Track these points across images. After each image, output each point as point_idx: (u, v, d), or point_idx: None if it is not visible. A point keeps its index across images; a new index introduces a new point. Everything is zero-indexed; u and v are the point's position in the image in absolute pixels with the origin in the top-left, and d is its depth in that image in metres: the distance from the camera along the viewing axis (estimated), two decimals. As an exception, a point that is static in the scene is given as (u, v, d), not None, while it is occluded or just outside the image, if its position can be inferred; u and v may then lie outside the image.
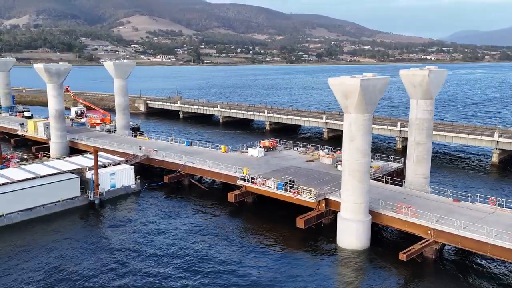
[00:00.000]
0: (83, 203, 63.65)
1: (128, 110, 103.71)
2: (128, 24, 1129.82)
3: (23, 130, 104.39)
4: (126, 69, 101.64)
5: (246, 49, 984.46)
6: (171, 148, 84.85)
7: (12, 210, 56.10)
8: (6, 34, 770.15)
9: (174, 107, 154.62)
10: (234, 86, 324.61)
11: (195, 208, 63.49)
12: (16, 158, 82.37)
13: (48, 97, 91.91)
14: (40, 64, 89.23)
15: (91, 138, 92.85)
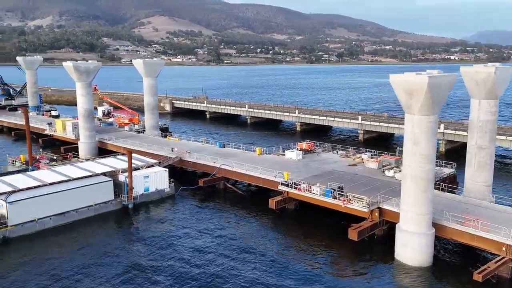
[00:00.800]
0: (117, 208, 60.63)
1: (157, 110, 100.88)
2: (148, 24, 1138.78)
3: (51, 129, 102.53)
4: (155, 68, 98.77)
5: (265, 49, 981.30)
6: (203, 149, 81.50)
7: (44, 214, 53.32)
8: (30, 34, 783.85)
9: (201, 107, 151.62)
10: (256, 86, 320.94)
11: (232, 214, 59.80)
12: (46, 158, 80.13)
13: (77, 96, 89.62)
14: (70, 62, 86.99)
15: (120, 139, 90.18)
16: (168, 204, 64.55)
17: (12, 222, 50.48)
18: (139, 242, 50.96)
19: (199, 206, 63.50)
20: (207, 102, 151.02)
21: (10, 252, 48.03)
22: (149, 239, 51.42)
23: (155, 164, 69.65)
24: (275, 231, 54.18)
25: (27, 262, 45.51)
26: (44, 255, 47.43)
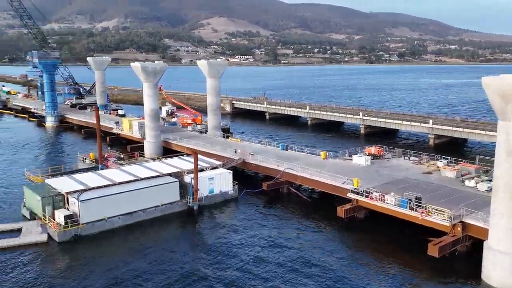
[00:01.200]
0: (182, 209, 60.48)
1: (219, 111, 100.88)
2: (208, 25, 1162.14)
3: (118, 128, 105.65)
4: (219, 69, 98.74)
5: (323, 49, 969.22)
6: (265, 151, 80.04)
7: (113, 214, 54.06)
8: (98, 36, 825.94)
9: (261, 108, 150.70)
10: (314, 86, 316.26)
11: (296, 221, 57.56)
12: (113, 157, 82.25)
13: (144, 96, 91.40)
14: (137, 63, 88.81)
15: (184, 139, 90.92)
16: (231, 207, 63.59)
17: (84, 220, 51.54)
18: (202, 247, 50.03)
19: (263, 210, 61.92)
20: (267, 103, 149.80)
21: (80, 249, 48.96)
22: (212, 245, 50.36)
23: (219, 166, 69.06)
24: (344, 242, 51.29)
25: (94, 261, 46.04)
26: (111, 255, 47.84)
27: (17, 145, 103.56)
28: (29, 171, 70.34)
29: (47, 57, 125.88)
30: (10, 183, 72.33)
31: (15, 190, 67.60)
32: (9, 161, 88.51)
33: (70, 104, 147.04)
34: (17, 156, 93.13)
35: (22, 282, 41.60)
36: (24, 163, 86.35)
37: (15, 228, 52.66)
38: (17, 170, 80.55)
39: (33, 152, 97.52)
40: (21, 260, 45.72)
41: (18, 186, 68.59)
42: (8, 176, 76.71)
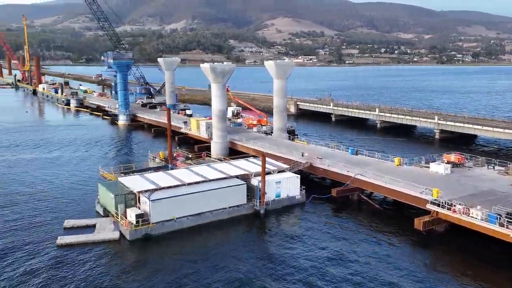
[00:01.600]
0: (249, 212, 59.57)
1: (285, 112, 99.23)
2: (272, 26, 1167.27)
3: (186, 128, 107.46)
4: (286, 69, 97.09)
5: (390, 49, 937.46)
6: (333, 155, 77.26)
7: (182, 214, 54.22)
8: (167, 37, 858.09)
9: (326, 109, 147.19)
10: (381, 87, 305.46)
11: (367, 232, 54.36)
12: (182, 156, 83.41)
13: (212, 97, 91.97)
14: (207, 64, 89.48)
15: (250, 140, 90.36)
16: (298, 213, 61.68)
17: (154, 220, 52.09)
18: (266, 254, 48.49)
19: (331, 218, 59.36)
20: (334, 105, 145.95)
21: (149, 249, 49.48)
22: (276, 252, 48.64)
23: (286, 169, 67.42)
24: (421, 259, 47.21)
25: (162, 261, 46.18)
26: (178, 256, 47.76)
27: (92, 142, 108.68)
28: (103, 168, 72.95)
29: (121, 57, 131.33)
30: (86, 179, 75.58)
31: (90, 186, 70.45)
32: (84, 157, 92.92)
33: (141, 104, 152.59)
34: (92, 152, 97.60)
35: (93, 278, 42.54)
36: (98, 159, 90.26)
37: (90, 224, 54.42)
38: (91, 166, 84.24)
39: (106, 149, 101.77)
40: (94, 256, 46.94)
41: (93, 182, 71.42)
42: (83, 172, 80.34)
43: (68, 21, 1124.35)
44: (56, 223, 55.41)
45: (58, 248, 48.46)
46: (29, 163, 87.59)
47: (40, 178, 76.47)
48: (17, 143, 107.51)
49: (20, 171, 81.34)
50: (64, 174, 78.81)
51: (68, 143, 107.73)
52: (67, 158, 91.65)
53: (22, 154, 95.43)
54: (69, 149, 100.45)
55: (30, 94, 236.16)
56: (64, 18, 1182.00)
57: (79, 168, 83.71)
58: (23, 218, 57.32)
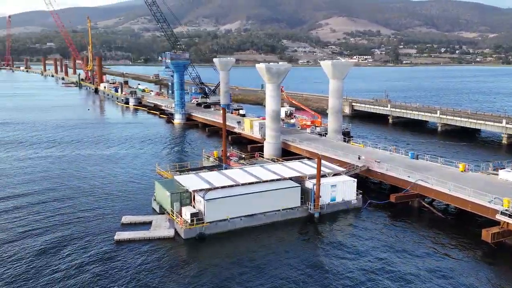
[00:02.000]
0: (302, 215, 58.28)
1: (341, 114, 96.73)
2: (326, 26, 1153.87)
3: (239, 128, 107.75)
4: (343, 70, 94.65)
5: (451, 49, 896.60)
6: (391, 159, 74.10)
7: (236, 214, 53.94)
8: (221, 38, 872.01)
9: (383, 111, 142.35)
10: (439, 88, 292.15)
11: (429, 243, 51.17)
12: (235, 156, 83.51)
13: (266, 97, 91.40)
14: (262, 64, 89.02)
15: (303, 141, 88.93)
16: (354, 218, 59.53)
17: (208, 219, 52.17)
18: (318, 261, 46.80)
19: (389, 226, 56.70)
20: (391, 106, 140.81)
21: (203, 248, 49.56)
22: (330, 261, 46.78)
23: (342, 173, 65.39)
24: (490, 276, 43.71)
25: (214, 262, 45.99)
26: (230, 257, 47.36)
27: (148, 140, 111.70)
28: (160, 166, 74.43)
29: (178, 58, 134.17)
30: (142, 175, 77.52)
31: (147, 182, 72.13)
32: (141, 154, 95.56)
33: (196, 103, 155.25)
34: (148, 150, 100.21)
35: (146, 274, 43.08)
36: (154, 157, 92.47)
37: (146, 221, 55.45)
38: (148, 163, 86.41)
39: (162, 146, 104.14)
40: (148, 253, 47.62)
41: (149, 179, 73.12)
42: (140, 169, 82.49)
43: (129, 23, 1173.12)
44: (114, 218, 56.97)
45: (116, 243, 49.66)
46: (88, 159, 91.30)
47: (99, 173, 79.38)
48: (79, 139, 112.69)
49: (80, 166, 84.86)
50: (122, 171, 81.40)
51: (126, 140, 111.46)
52: (124, 155, 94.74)
53: (82, 150, 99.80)
54: (126, 146, 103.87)
55: (92, 92, 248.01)
56: (125, 19, 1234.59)
57: (136, 165, 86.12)
58: (83, 211, 59.54)
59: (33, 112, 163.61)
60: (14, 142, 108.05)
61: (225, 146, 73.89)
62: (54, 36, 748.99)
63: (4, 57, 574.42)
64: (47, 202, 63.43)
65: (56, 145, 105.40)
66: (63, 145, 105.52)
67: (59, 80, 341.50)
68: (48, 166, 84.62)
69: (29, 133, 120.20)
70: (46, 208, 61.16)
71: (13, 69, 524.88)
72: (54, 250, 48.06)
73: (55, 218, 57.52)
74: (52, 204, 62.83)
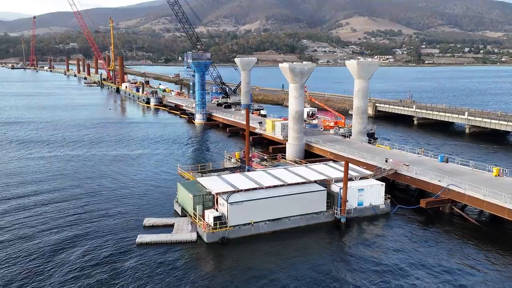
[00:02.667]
0: (328, 220, 56.29)
1: (366, 114, 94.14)
2: (346, 25, 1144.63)
3: (261, 128, 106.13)
4: (369, 69, 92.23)
5: (475, 49, 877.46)
6: (420, 162, 71.47)
7: (260, 219, 52.34)
8: (241, 38, 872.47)
9: (408, 112, 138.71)
10: (466, 89, 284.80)
11: (462, 250, 48.69)
12: (257, 157, 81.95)
13: (289, 98, 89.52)
14: (285, 64, 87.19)
15: (327, 143, 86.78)
16: (382, 224, 57.24)
17: (232, 223, 50.71)
18: (346, 269, 44.69)
19: (419, 232, 54.20)
20: (416, 107, 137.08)
21: (226, 252, 48.10)
22: (357, 269, 44.67)
23: (369, 176, 63.10)
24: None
25: (238, 267, 44.52)
26: (254, 262, 45.79)
27: (170, 140, 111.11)
28: (182, 167, 73.39)
29: (200, 58, 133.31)
30: (164, 177, 76.63)
31: (168, 184, 71.19)
32: (162, 154, 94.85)
33: (217, 103, 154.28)
34: (169, 150, 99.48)
35: (168, 279, 41.85)
36: (176, 157, 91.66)
37: (168, 223, 54.32)
38: (169, 164, 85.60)
39: (184, 147, 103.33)
40: (170, 257, 46.41)
41: (171, 180, 72.19)
42: (162, 170, 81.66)
43: (150, 23, 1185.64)
44: (136, 220, 56.02)
45: (138, 246, 48.63)
46: (109, 158, 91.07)
47: (120, 174, 78.83)
48: (100, 138, 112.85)
49: (102, 166, 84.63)
50: (143, 171, 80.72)
51: (147, 140, 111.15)
52: (146, 155, 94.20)
53: (104, 149, 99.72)
54: (147, 146, 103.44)
55: (114, 92, 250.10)
56: (146, 20, 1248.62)
57: (158, 165, 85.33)
58: (105, 212, 58.82)
59: (56, 111, 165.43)
60: (38, 141, 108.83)
61: (248, 148, 72.30)
62: (77, 36, 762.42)
63: (29, 57, 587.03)
64: (68, 201, 63.10)
65: (78, 144, 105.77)
66: (84, 144, 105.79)
67: (82, 80, 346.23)
68: (68, 166, 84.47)
69: (51, 132, 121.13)
70: (67, 207, 60.79)
71: (37, 68, 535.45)
72: (75, 250, 47.34)
73: (77, 217, 57.00)
74: (73, 203, 62.42)
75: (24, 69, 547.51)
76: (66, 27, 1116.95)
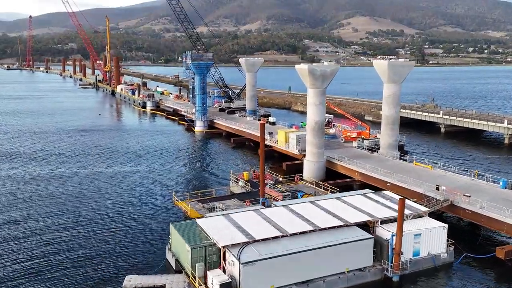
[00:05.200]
0: (375, 278, 41.43)
1: (397, 125, 79.16)
2: (348, 25, 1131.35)
3: (271, 140, 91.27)
4: (402, 71, 77.48)
5: (479, 49, 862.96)
6: (477, 189, 56.77)
7: (284, 282, 37.59)
8: (242, 38, 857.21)
9: (434, 118, 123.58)
10: (479, 91, 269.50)
11: None
12: (271, 179, 67.16)
13: (308, 105, 74.65)
14: (304, 65, 72.41)
15: (353, 160, 71.97)
16: (446, 280, 42.51)
17: (245, 291, 35.93)
18: None
19: (501, 294, 39.55)
20: (444, 113, 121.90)
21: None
22: None
23: (424, 213, 48.09)
24: None
25: None
26: None
27: (165, 153, 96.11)
28: (177, 194, 58.56)
29: (200, 58, 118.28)
30: (155, 207, 61.39)
31: (160, 219, 56.30)
32: (155, 174, 79.44)
33: (219, 108, 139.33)
34: (164, 167, 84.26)
35: None
36: (171, 177, 76.75)
37: (157, 284, 39.50)
38: (163, 187, 70.77)
39: (181, 162, 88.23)
40: None
41: (164, 213, 57.65)
42: (152, 197, 66.14)
43: (149, 23, 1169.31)
44: (112, 278, 41.20)
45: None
46: (86, 178, 75.23)
47: (97, 202, 63.08)
48: (81, 150, 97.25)
49: (72, 189, 69.13)
50: (127, 198, 65.00)
51: (138, 152, 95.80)
52: (133, 175, 78.17)
53: (82, 166, 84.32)
54: (137, 162, 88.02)
55: (109, 94, 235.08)
56: (146, 20, 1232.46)
57: (147, 190, 69.39)
58: (69, 263, 43.96)
59: (41, 117, 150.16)
60: (9, 155, 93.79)
61: (263, 173, 56.93)
62: (75, 36, 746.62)
63: (25, 58, 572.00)
64: (21, 244, 48.22)
65: (51, 158, 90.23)
66: (60, 157, 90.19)
67: (78, 81, 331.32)
68: (27, 187, 69.44)
69: (24, 143, 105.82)
70: (14, 256, 45.93)
71: (33, 69, 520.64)
72: None
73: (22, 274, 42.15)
74: (25, 248, 47.44)
75: (20, 70, 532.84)
76: (66, 27, 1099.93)
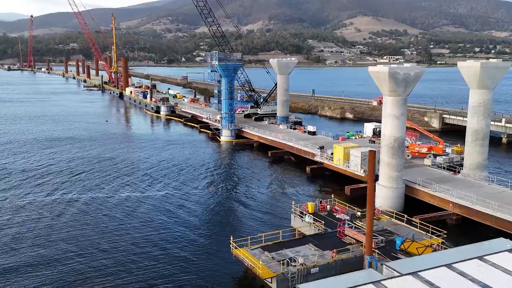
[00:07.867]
0: None
1: (487, 140, 64.48)
2: (350, 25, 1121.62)
3: (322, 156, 76.64)
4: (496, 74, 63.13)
5: (486, 48, 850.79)
6: None
7: None
8: (245, 38, 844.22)
9: (494, 127, 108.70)
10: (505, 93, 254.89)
11: None
12: (345, 213, 52.56)
13: (384, 117, 60.02)
14: (384, 67, 57.69)
15: (441, 186, 57.34)
16: None
17: None
18: None
19: None
20: (506, 121, 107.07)
21: None
22: None
23: None
24: None
25: None
26: None
27: (192, 170, 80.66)
28: (235, 239, 43.80)
29: (228, 59, 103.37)
30: (202, 261, 46.49)
31: (215, 271, 41.58)
32: (188, 199, 64.73)
33: (244, 114, 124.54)
34: (196, 191, 69.23)
35: None
36: (207, 206, 62.02)
37: None
38: (202, 224, 56.07)
39: (217, 184, 72.89)
40: None
41: (218, 260, 42.78)
42: (190, 240, 51.40)
43: (151, 23, 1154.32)
44: None
45: None
46: (91, 210, 60.66)
47: (108, 254, 48.97)
48: (88, 168, 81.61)
49: (72, 231, 54.58)
50: (152, 247, 50.62)
51: (159, 172, 79.14)
52: (154, 205, 62.31)
53: (84, 191, 69.51)
54: (161, 183, 72.98)
55: (117, 97, 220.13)
56: (147, 20, 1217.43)
57: (179, 228, 53.75)
58: None
59: (43, 124, 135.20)
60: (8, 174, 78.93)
61: (371, 223, 40.25)
62: (77, 36, 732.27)
63: (26, 58, 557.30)
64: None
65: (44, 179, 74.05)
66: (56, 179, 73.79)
67: (81, 82, 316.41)
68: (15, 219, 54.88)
69: (16, 157, 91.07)
70: None
71: (35, 70, 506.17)
72: None
73: None
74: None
75: (21, 71, 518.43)
76: (67, 27, 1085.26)
